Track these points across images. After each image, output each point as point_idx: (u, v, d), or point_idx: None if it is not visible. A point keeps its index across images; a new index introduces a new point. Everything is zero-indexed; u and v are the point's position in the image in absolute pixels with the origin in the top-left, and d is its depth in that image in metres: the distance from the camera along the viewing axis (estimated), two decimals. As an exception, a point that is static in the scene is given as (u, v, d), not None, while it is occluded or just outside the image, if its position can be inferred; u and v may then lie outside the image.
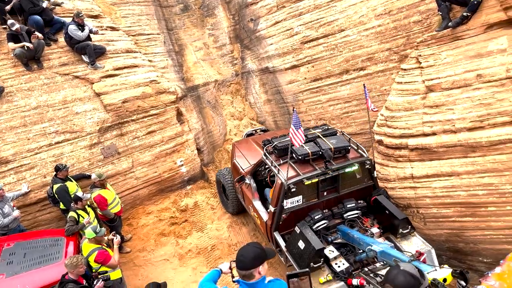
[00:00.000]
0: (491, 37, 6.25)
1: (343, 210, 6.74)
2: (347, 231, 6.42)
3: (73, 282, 5.25)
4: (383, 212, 6.60)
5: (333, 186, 6.77)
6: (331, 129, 7.23)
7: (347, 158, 6.68)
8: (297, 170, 6.45)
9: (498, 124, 6.03)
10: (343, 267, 5.91)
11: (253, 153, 8.39)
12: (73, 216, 6.82)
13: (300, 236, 6.17)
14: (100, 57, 8.92)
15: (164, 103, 9.39)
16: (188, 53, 12.13)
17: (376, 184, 7.01)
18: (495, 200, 6.20)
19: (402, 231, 6.36)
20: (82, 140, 8.31)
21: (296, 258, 6.20)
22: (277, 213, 6.52)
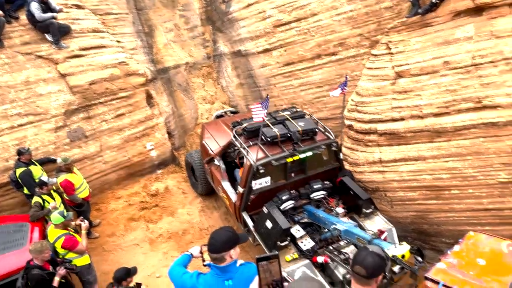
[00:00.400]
0: (458, 25, 6.40)
1: (309, 191, 6.92)
2: (313, 211, 6.66)
3: (39, 268, 5.13)
4: (348, 192, 6.88)
5: (301, 167, 6.92)
6: (299, 111, 7.38)
7: (314, 141, 6.87)
8: (266, 152, 6.56)
9: (462, 110, 6.22)
10: (309, 245, 6.13)
11: (223, 135, 8.40)
12: (38, 201, 6.61)
13: (267, 216, 6.35)
14: (64, 37, 8.54)
15: (133, 85, 9.15)
16: (158, 34, 11.81)
17: (342, 165, 7.29)
18: (458, 183, 6.44)
19: (365, 210, 6.68)
20: (46, 122, 8.00)
21: (264, 237, 6.38)
22: (245, 194, 6.64)
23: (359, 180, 7.48)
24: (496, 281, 4.77)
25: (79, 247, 5.88)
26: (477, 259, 5.22)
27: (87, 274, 6.25)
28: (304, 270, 5.83)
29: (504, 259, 5.19)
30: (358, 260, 2.68)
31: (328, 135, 7.03)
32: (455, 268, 5.13)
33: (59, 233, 5.81)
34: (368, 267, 2.63)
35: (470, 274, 4.97)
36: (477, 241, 5.61)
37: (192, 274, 3.08)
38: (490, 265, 5.10)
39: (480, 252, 5.37)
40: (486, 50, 6.02)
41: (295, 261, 5.99)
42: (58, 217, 5.78)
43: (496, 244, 5.46)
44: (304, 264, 5.92)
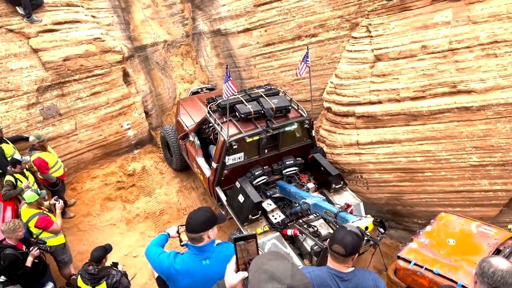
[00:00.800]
0: (437, 9, 6.45)
1: (282, 167, 7.17)
2: (285, 186, 6.88)
3: (12, 248, 5.04)
4: (319, 169, 7.10)
5: (274, 144, 7.10)
6: (274, 89, 7.48)
7: (287, 118, 6.98)
8: (240, 128, 6.69)
9: (438, 94, 6.35)
10: (279, 219, 6.40)
11: (198, 111, 8.43)
12: (10, 180, 6.44)
13: (240, 191, 6.52)
14: (36, 10, 8.18)
15: (109, 62, 8.90)
16: (136, 10, 11.46)
17: (314, 142, 7.46)
18: (432, 166, 6.62)
19: (335, 186, 6.94)
20: (18, 99, 7.73)
21: (236, 211, 6.58)
22: (219, 169, 6.80)
23: (336, 162, 7.59)
24: (464, 260, 4.98)
25: (54, 226, 5.80)
26: (448, 239, 5.44)
27: (61, 254, 6.18)
28: (274, 242, 6.09)
29: (473, 239, 5.41)
30: (337, 239, 2.72)
31: (301, 113, 7.14)
32: (426, 248, 5.34)
33: (32, 212, 5.70)
34: (347, 245, 2.68)
35: (441, 253, 5.19)
36: (448, 222, 5.83)
37: (169, 254, 3.08)
38: (459, 244, 5.32)
39: (450, 232, 5.60)
40: (462, 35, 6.12)
41: (265, 234, 6.24)
42: (32, 195, 5.65)
43: (466, 225, 5.69)
44: (274, 237, 6.17)
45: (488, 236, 5.43)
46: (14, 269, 5.00)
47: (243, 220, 6.43)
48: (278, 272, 1.53)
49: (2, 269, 5.03)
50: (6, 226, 5.04)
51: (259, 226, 6.39)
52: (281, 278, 1.51)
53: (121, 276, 5.08)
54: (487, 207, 6.47)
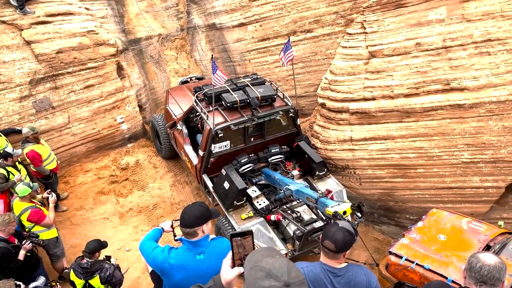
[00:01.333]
0: (431, 7, 6.48)
1: (268, 155, 7.38)
2: (270, 173, 7.05)
3: (4, 241, 5.02)
4: (304, 156, 7.31)
5: (260, 132, 7.29)
6: (260, 78, 7.62)
7: (273, 107, 7.16)
8: (225, 116, 6.86)
9: (432, 91, 6.39)
10: (264, 205, 6.64)
11: (186, 100, 8.50)
12: (2, 173, 6.39)
13: (225, 178, 6.69)
14: (29, 1, 8.08)
15: (103, 55, 8.84)
16: (130, 3, 11.37)
17: (299, 131, 7.68)
18: (424, 162, 6.68)
19: (318, 173, 7.17)
20: (10, 92, 7.66)
21: (222, 197, 6.77)
22: (205, 157, 6.99)
23: (329, 157, 7.63)
24: (455, 256, 5.03)
25: (46, 220, 5.78)
26: (439, 235, 5.49)
27: (54, 248, 6.17)
28: (258, 227, 6.33)
29: (463, 235, 5.47)
30: (328, 235, 2.75)
31: (286, 102, 7.31)
32: (418, 243, 5.38)
33: (25, 205, 5.67)
34: (338, 242, 2.71)
35: (432, 249, 5.23)
36: (439, 218, 5.89)
37: (164, 249, 3.09)
38: (450, 240, 5.38)
39: (441, 228, 5.65)
40: (456, 33, 6.15)
41: (250, 219, 6.48)
42: (25, 188, 5.62)
43: (456, 221, 5.75)
44: (258, 222, 6.41)
45: (478, 232, 5.48)
46: (6, 263, 4.98)
47: (228, 206, 6.61)
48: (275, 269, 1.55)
49: None
50: (1, 219, 5.02)
51: (244, 212, 6.59)
52: (278, 275, 1.53)
53: (114, 269, 5.08)
54: (478, 203, 6.55)
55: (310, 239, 6.14)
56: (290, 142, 7.60)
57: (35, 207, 5.75)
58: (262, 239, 6.22)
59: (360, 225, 7.73)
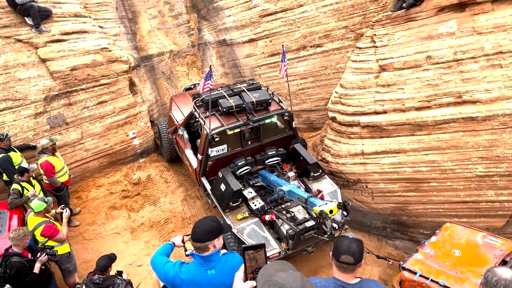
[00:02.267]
0: (441, 20, 6.48)
1: (265, 157, 7.58)
2: (266, 175, 7.26)
3: (18, 256, 5.06)
4: (299, 158, 7.50)
5: (256, 136, 7.52)
6: (256, 83, 7.85)
7: (268, 111, 7.40)
8: (222, 121, 7.12)
9: (443, 104, 6.35)
10: (259, 205, 6.83)
11: (188, 107, 8.62)
12: (17, 189, 6.48)
13: (222, 180, 6.92)
14: (45, 20, 8.31)
15: (116, 72, 8.99)
16: (142, 21, 11.61)
17: (295, 133, 7.86)
18: (437, 176, 6.59)
19: (313, 174, 7.33)
20: (26, 108, 7.82)
21: (219, 199, 6.99)
22: (203, 160, 7.24)
23: (341, 171, 7.58)
24: (470, 272, 4.94)
25: (59, 235, 5.82)
26: (453, 250, 5.41)
27: (66, 263, 6.19)
28: (253, 227, 6.52)
29: (478, 250, 5.38)
30: (343, 249, 2.68)
31: (282, 105, 7.50)
32: (432, 259, 5.30)
33: (38, 220, 5.73)
34: (355, 253, 2.65)
35: (446, 264, 5.15)
36: (453, 232, 5.81)
37: (175, 263, 3.09)
38: (465, 256, 5.29)
39: (456, 243, 5.57)
40: (467, 46, 6.13)
41: (245, 219, 6.65)
42: (40, 204, 5.69)
43: (471, 235, 5.66)
44: (253, 222, 6.60)
45: (494, 247, 5.40)
46: (22, 277, 5.02)
47: (224, 207, 6.80)
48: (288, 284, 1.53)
49: (8, 278, 5.04)
50: (16, 233, 5.06)
51: (240, 212, 6.78)
52: None
53: (126, 285, 5.08)
54: (493, 217, 6.42)
55: (302, 238, 6.27)
56: (287, 144, 7.81)
57: (49, 222, 5.80)
58: (256, 239, 6.40)
59: (372, 240, 7.64)
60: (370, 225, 7.65)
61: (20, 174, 6.61)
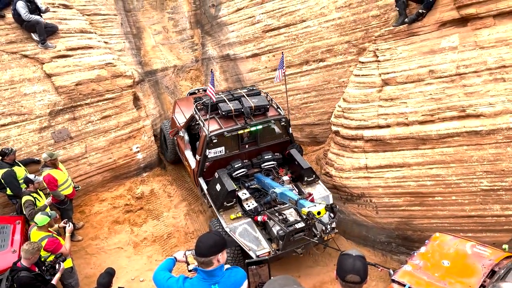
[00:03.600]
0: (444, 35, 6.52)
1: (261, 161, 7.85)
2: (261, 178, 7.53)
3: (26, 270, 5.03)
4: (294, 163, 7.74)
5: (253, 140, 7.77)
6: (255, 90, 8.18)
7: (265, 116, 7.67)
8: (221, 124, 7.40)
9: (447, 118, 6.34)
10: (252, 206, 7.08)
11: (190, 110, 8.79)
12: (30, 200, 6.50)
13: (218, 180, 7.18)
14: (51, 36, 8.43)
15: (120, 87, 9.07)
16: (147, 36, 11.76)
17: (292, 139, 8.12)
18: (442, 190, 6.55)
19: (307, 178, 7.60)
20: (30, 123, 7.87)
21: (213, 198, 7.27)
22: (201, 161, 7.54)
23: (344, 185, 7.55)
24: (459, 283, 4.92)
25: (62, 250, 5.79)
26: (442, 260, 5.40)
27: (69, 278, 6.14)
28: (245, 227, 6.80)
29: (467, 260, 5.36)
30: (348, 268, 2.59)
31: (279, 111, 7.76)
32: (421, 270, 5.28)
33: (42, 235, 5.71)
34: (361, 271, 2.57)
35: (435, 276, 5.12)
36: (443, 242, 5.81)
37: (178, 279, 3.06)
38: (454, 266, 5.27)
39: (445, 253, 5.56)
40: (470, 60, 6.15)
41: (238, 219, 6.93)
42: (44, 218, 5.70)
43: (460, 245, 5.66)
44: (246, 222, 6.88)
45: (482, 257, 5.38)
46: None
47: (219, 206, 7.07)
48: None
49: None
50: (31, 246, 5.05)
51: (233, 212, 7.05)
52: None
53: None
54: (499, 232, 6.34)
55: (292, 239, 6.42)
56: (283, 149, 8.04)
57: (52, 236, 5.79)
58: (248, 238, 6.65)
59: (377, 255, 7.55)
60: (374, 240, 7.58)
61: (26, 184, 6.67)
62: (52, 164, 7.10)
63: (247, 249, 6.53)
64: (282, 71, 7.40)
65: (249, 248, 6.53)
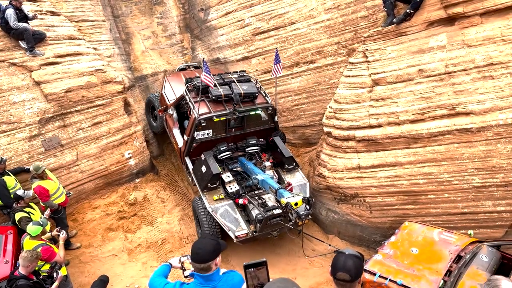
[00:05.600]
0: (432, 34, 6.59)
1: (245, 145, 8.25)
2: (244, 162, 7.94)
3: (25, 278, 4.97)
4: (277, 150, 8.17)
5: (240, 125, 8.13)
6: (246, 76, 8.49)
7: (253, 103, 8.03)
8: (210, 108, 7.71)
9: (437, 116, 6.40)
10: (234, 189, 7.52)
11: (180, 87, 9.00)
12: (24, 216, 6.44)
13: (204, 162, 7.58)
14: (39, 44, 8.36)
15: (110, 93, 9.02)
16: (136, 41, 11.71)
17: (276, 127, 8.51)
18: (434, 188, 6.60)
19: (287, 166, 8.05)
20: (20, 131, 7.79)
21: (199, 179, 7.70)
22: (189, 142, 7.90)
23: (338, 186, 7.57)
24: (427, 269, 5.12)
25: (56, 258, 5.73)
26: (411, 248, 5.61)
27: (63, 286, 6.06)
28: (226, 208, 7.29)
29: (435, 246, 5.58)
30: (339, 266, 2.63)
31: (267, 99, 8.14)
32: (391, 259, 5.48)
33: (35, 243, 5.64)
34: (351, 270, 2.60)
35: (404, 263, 5.32)
36: (411, 231, 6.05)
37: (175, 284, 3.04)
38: (422, 253, 5.48)
39: (414, 241, 5.78)
40: (458, 58, 6.22)
41: (221, 200, 7.43)
42: (37, 228, 5.63)
43: (428, 233, 5.90)
44: (228, 204, 7.36)
45: (449, 243, 5.60)
46: None
47: (203, 187, 7.54)
48: None
49: None
50: (29, 254, 5.02)
51: (216, 193, 7.52)
52: None
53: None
54: (492, 228, 6.41)
55: (269, 223, 6.89)
56: (268, 136, 8.44)
57: (46, 245, 5.71)
58: (228, 219, 7.14)
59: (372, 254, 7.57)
60: (369, 239, 7.61)
61: (16, 201, 6.58)
62: (39, 176, 7.04)
63: (227, 229, 7.04)
64: (280, 65, 7.71)
65: (228, 229, 7.04)
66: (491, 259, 5.15)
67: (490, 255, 5.25)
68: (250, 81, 8.25)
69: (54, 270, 5.39)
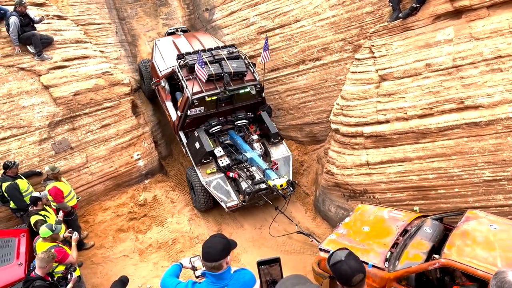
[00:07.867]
0: (438, 28, 6.54)
1: (235, 119, 8.93)
2: (234, 136, 8.83)
3: (41, 279, 5.03)
4: (264, 124, 8.85)
5: (230, 100, 8.65)
6: (235, 52, 8.83)
7: (243, 81, 8.58)
8: (202, 87, 8.18)
9: (446, 111, 6.36)
10: (225, 163, 8.28)
11: (172, 56, 9.28)
12: (40, 219, 6.47)
13: (197, 139, 8.26)
14: (47, 48, 8.45)
15: (118, 95, 9.08)
16: (142, 43, 11.78)
17: (263, 101, 9.14)
18: (444, 183, 6.55)
19: (273, 140, 8.85)
20: (30, 135, 7.88)
21: (193, 154, 8.43)
22: (182, 118, 8.49)
23: (347, 183, 7.55)
24: (376, 243, 5.69)
25: (69, 259, 5.80)
26: (363, 227, 6.16)
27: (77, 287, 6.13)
28: (219, 181, 8.12)
29: (384, 224, 6.13)
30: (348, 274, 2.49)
31: (255, 76, 8.70)
32: (344, 237, 5.99)
33: (47, 245, 5.70)
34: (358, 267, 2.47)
35: (356, 240, 5.87)
36: (364, 212, 6.58)
37: (187, 284, 3.06)
38: (373, 230, 6.02)
39: (365, 220, 6.31)
40: (466, 52, 6.17)
41: (213, 174, 8.23)
42: (46, 231, 5.68)
43: (379, 212, 6.46)
44: (219, 177, 8.18)
45: (397, 219, 6.15)
46: None
47: (197, 162, 8.32)
48: None
49: None
50: (46, 255, 5.07)
51: (209, 167, 8.31)
52: None
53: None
54: (504, 222, 6.34)
55: (256, 195, 7.70)
56: (256, 109, 9.06)
57: (58, 246, 5.78)
58: (220, 191, 7.96)
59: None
60: (379, 236, 7.58)
61: (34, 203, 6.62)
62: (54, 177, 7.11)
63: (219, 200, 7.90)
64: (268, 52, 8.20)
65: (221, 200, 7.89)
66: (435, 231, 5.70)
67: (434, 227, 5.79)
68: (239, 58, 8.63)
69: (69, 271, 5.45)
